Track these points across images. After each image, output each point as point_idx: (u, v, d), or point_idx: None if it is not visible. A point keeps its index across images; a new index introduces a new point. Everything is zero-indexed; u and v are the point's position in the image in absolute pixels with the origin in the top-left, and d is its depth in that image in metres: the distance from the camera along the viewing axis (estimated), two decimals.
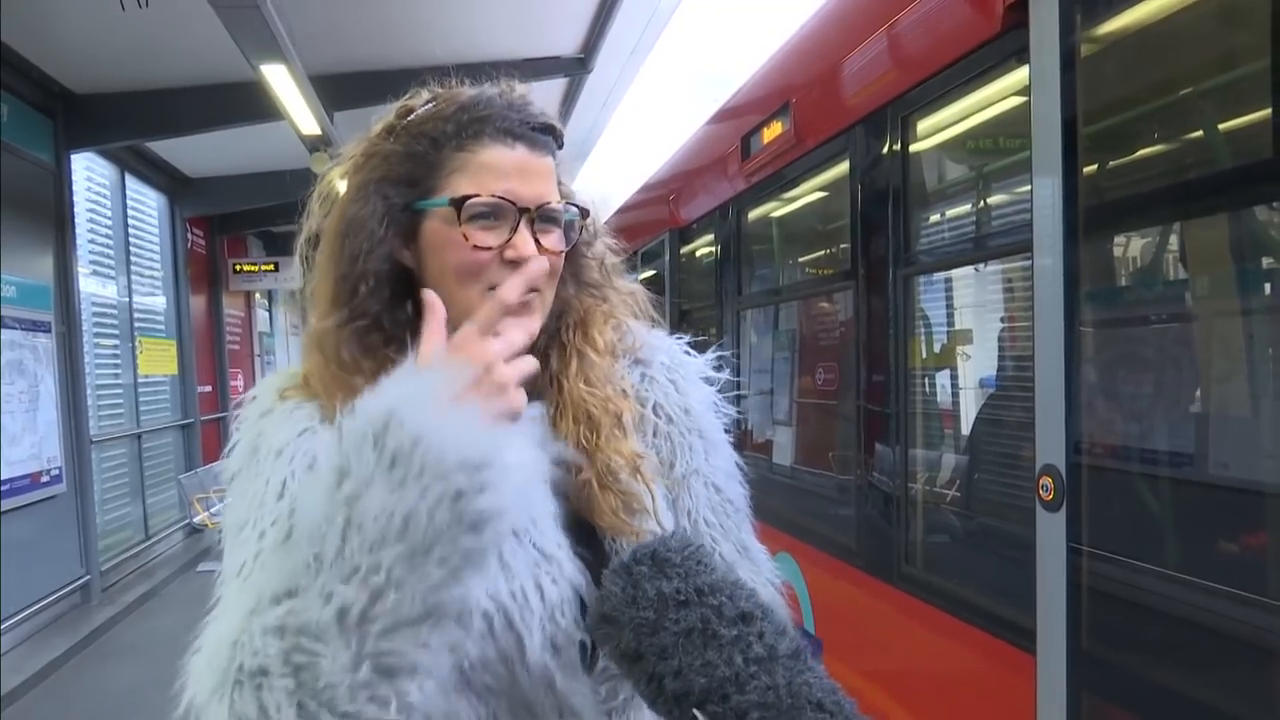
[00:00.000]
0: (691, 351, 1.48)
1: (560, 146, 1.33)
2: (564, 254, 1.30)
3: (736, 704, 0.95)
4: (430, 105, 1.28)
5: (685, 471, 1.38)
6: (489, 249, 1.22)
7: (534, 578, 1.18)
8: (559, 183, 1.31)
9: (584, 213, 1.33)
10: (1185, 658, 2.30)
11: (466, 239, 1.21)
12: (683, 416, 1.40)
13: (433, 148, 1.25)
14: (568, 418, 1.30)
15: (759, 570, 1.44)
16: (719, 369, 1.50)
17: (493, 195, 1.22)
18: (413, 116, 1.28)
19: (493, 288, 1.21)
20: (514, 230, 1.22)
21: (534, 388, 1.32)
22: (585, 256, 1.41)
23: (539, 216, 1.24)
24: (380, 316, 1.26)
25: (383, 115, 1.33)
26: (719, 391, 1.47)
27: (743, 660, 0.97)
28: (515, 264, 1.22)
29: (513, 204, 1.22)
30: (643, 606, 1.01)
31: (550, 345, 1.35)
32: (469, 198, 1.21)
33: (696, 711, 0.96)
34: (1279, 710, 2.04)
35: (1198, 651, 2.27)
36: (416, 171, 1.25)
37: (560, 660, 1.18)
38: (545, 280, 1.27)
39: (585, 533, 1.26)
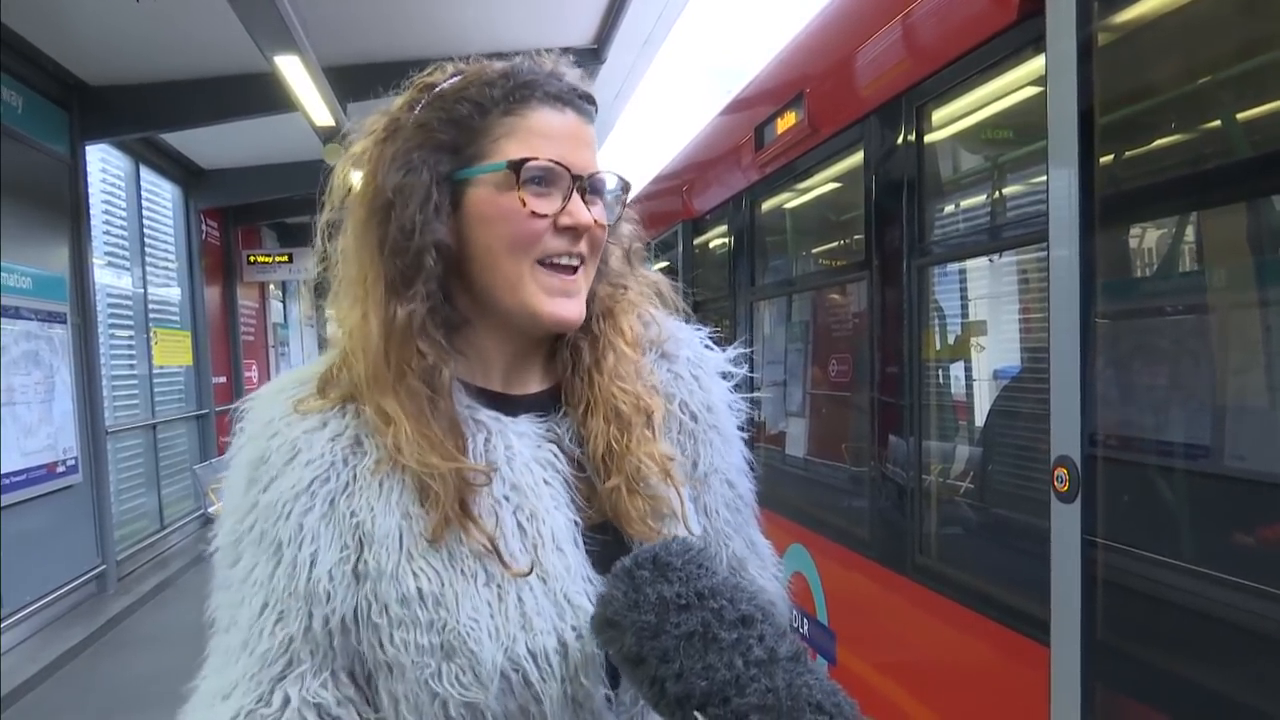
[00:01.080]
0: (712, 345, 1.46)
1: (595, 119, 1.28)
2: (607, 228, 1.27)
3: (737, 706, 0.96)
4: (458, 78, 1.23)
5: (706, 470, 1.36)
6: (545, 216, 1.17)
7: (557, 633, 1.14)
8: None
9: (626, 186, 1.29)
10: (1200, 650, 2.28)
11: (524, 205, 1.16)
12: (705, 414, 1.38)
13: (478, 112, 1.19)
14: (598, 415, 1.26)
15: (765, 566, 1.44)
16: (738, 364, 1.47)
17: (548, 159, 1.17)
18: (443, 86, 1.22)
19: (543, 259, 1.18)
20: (567, 198, 1.18)
21: (559, 381, 1.31)
22: (609, 243, 1.34)
23: (589, 186, 1.21)
24: (438, 298, 1.19)
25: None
26: (736, 388, 1.45)
27: (743, 663, 0.98)
28: (569, 231, 1.19)
29: (567, 170, 1.18)
30: (644, 610, 1.01)
31: (580, 336, 1.30)
32: (527, 160, 1.16)
33: (698, 714, 0.97)
34: None
35: (1212, 644, 2.26)
36: (460, 138, 1.19)
37: (582, 712, 1.15)
38: (591, 254, 1.24)
39: (612, 539, 1.23)
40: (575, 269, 1.21)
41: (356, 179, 1.26)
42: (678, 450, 1.33)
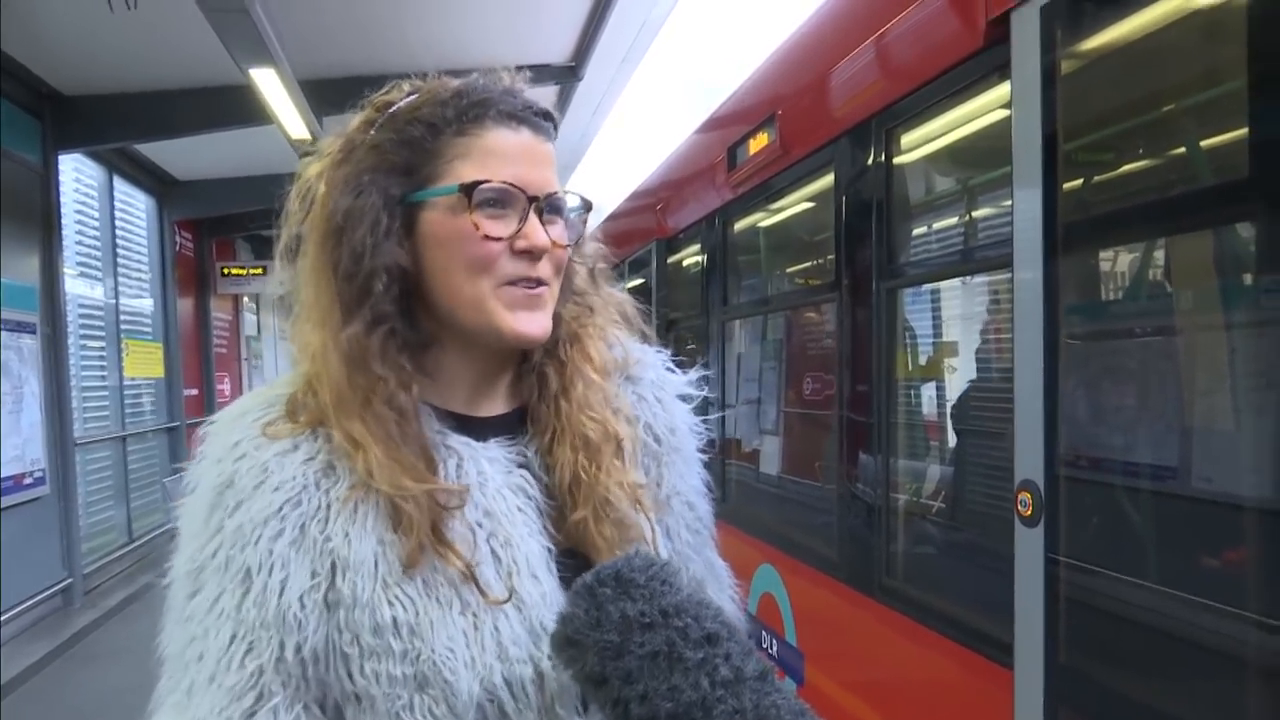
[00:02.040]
0: (673, 368, 1.44)
1: (555, 137, 1.25)
2: (569, 248, 1.24)
3: None
4: (414, 96, 1.20)
5: (669, 492, 1.35)
6: (499, 239, 1.14)
7: (533, 662, 1.12)
8: None
9: (587, 205, 1.27)
10: (1162, 672, 2.30)
11: (477, 228, 1.13)
12: (668, 436, 1.37)
13: (430, 134, 1.16)
14: (565, 444, 1.23)
15: (723, 587, 1.43)
16: (699, 387, 1.45)
17: (502, 181, 1.14)
18: (398, 106, 1.19)
19: (506, 282, 1.16)
20: (523, 219, 1.15)
21: (527, 407, 1.29)
22: (573, 261, 1.31)
23: (546, 206, 1.18)
24: (395, 319, 1.16)
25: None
26: (696, 411, 1.43)
27: (709, 684, 0.96)
28: (526, 254, 1.16)
29: (523, 191, 1.15)
30: (606, 629, 0.99)
31: (547, 361, 1.28)
32: (480, 183, 1.14)
33: None
34: None
35: (1175, 665, 2.27)
36: (413, 160, 1.16)
37: None
38: (554, 275, 1.21)
39: (583, 564, 1.19)
40: (537, 289, 1.19)
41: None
42: (644, 475, 1.31)
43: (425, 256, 1.18)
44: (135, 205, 12.25)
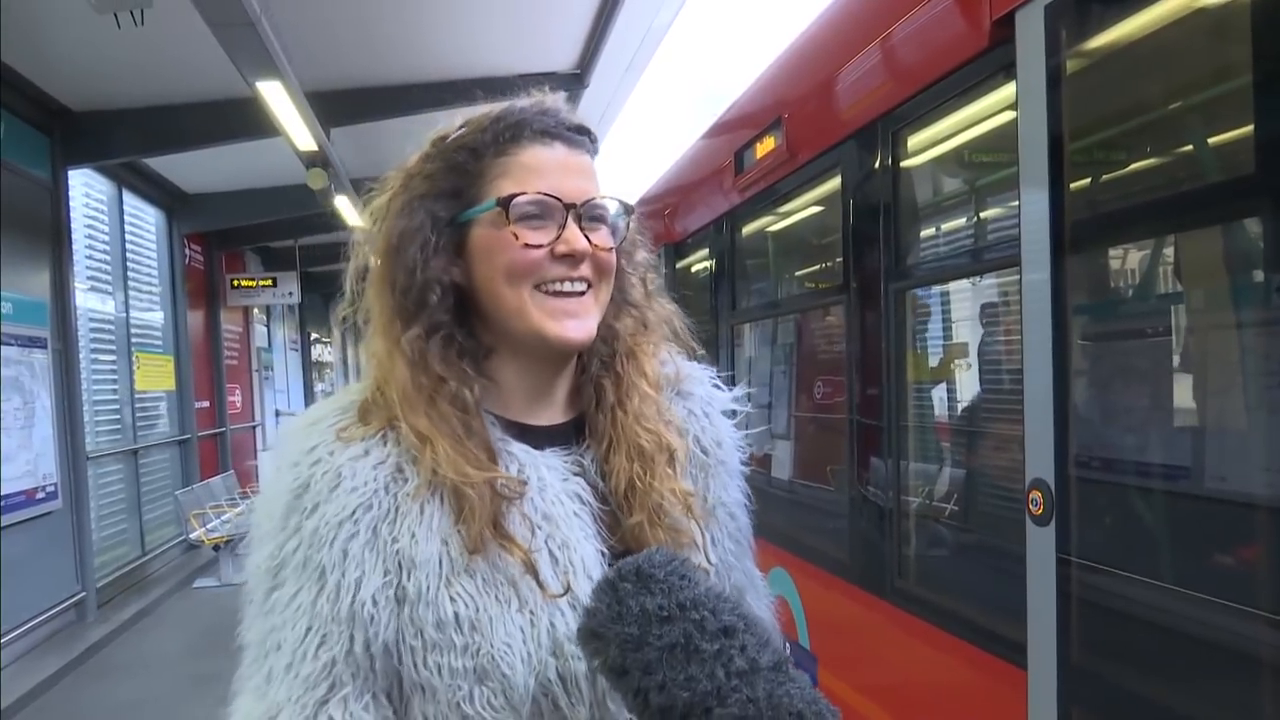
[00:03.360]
0: (720, 385, 1.52)
1: (596, 150, 1.33)
2: (614, 251, 1.31)
3: (719, 717, 0.98)
4: (463, 128, 1.29)
5: (714, 503, 1.42)
6: (539, 246, 1.22)
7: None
8: None
9: (628, 209, 1.34)
10: (1175, 671, 2.29)
11: (516, 239, 1.22)
12: (715, 449, 1.44)
13: (472, 158, 1.26)
14: (621, 453, 1.31)
15: (760, 596, 1.51)
16: (741, 404, 1.53)
17: (538, 192, 1.23)
18: (449, 139, 1.29)
19: (545, 284, 1.24)
20: (562, 227, 1.23)
21: (583, 417, 1.36)
22: (627, 271, 1.40)
23: (585, 214, 1.25)
24: (453, 328, 1.26)
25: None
26: (739, 427, 1.50)
27: (724, 674, 0.99)
28: (567, 259, 1.23)
29: (558, 200, 1.23)
30: (627, 622, 1.03)
31: (604, 374, 1.36)
32: (515, 196, 1.22)
33: None
34: None
35: (1187, 664, 2.26)
36: (459, 183, 1.26)
37: None
38: (599, 277, 1.28)
39: None
40: (582, 293, 1.26)
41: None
42: (695, 485, 1.37)
43: (475, 271, 1.27)
44: (145, 219, 12.33)
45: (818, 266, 5.10)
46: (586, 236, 1.24)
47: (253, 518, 1.25)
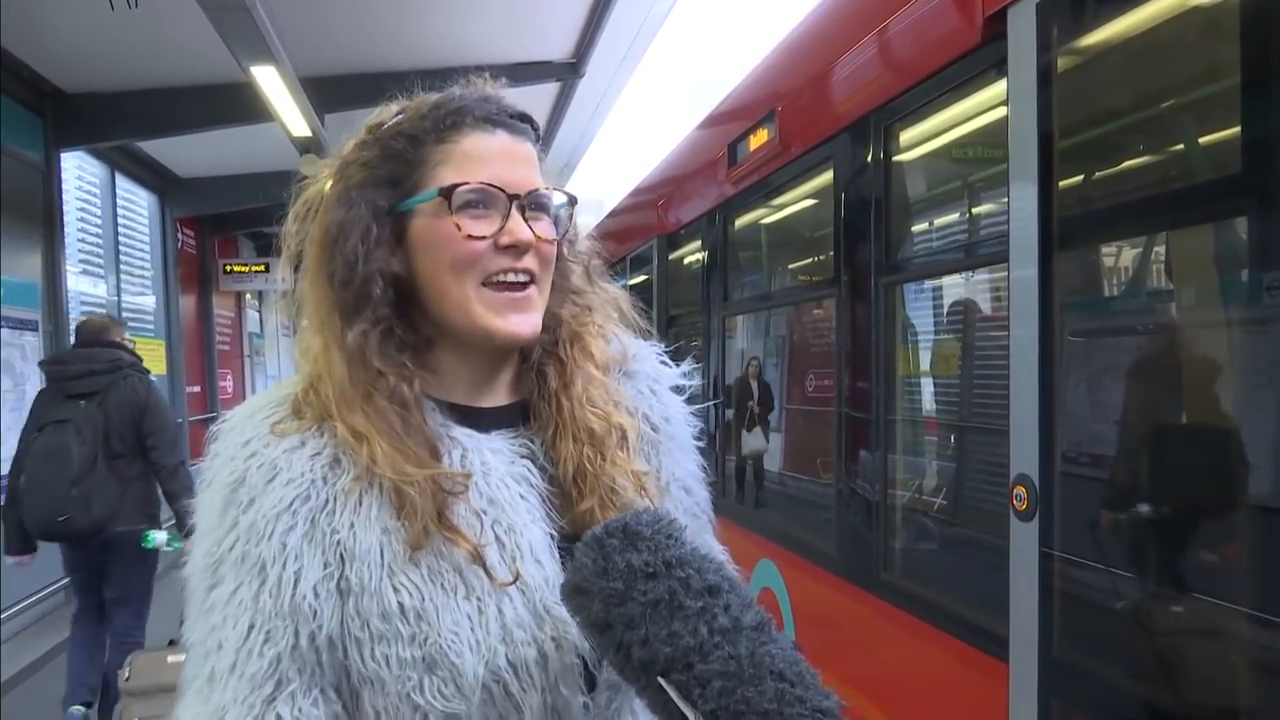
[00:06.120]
0: (667, 361, 1.49)
1: (539, 139, 1.30)
2: (556, 243, 1.28)
3: (700, 672, 0.98)
4: (400, 115, 1.26)
5: (667, 479, 1.39)
6: (483, 238, 1.19)
7: (537, 644, 1.16)
8: None
9: (572, 200, 1.31)
10: (1155, 665, 2.31)
11: (459, 229, 1.18)
12: (664, 425, 1.41)
13: (412, 145, 1.22)
14: (568, 438, 1.28)
15: None
16: (689, 379, 1.50)
17: (480, 182, 1.19)
18: (385, 125, 1.25)
19: (490, 277, 1.20)
20: (506, 217, 1.20)
21: (528, 403, 1.33)
22: (568, 259, 1.37)
23: (529, 203, 1.22)
24: (392, 320, 1.22)
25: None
26: (688, 401, 1.48)
27: (707, 631, 1.00)
28: (511, 249, 1.20)
29: (501, 190, 1.20)
30: (612, 578, 1.03)
31: (546, 360, 1.33)
32: (458, 185, 1.19)
33: (661, 679, 1.00)
34: (1250, 714, 2.06)
35: (1168, 659, 2.28)
36: (398, 171, 1.22)
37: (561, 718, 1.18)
38: (542, 269, 1.25)
39: None
40: (525, 285, 1.23)
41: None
42: (645, 463, 1.35)
43: (416, 262, 1.23)
44: (137, 202, 12.28)
45: (809, 260, 5.11)
46: (530, 226, 1.21)
47: (195, 516, 1.22)
